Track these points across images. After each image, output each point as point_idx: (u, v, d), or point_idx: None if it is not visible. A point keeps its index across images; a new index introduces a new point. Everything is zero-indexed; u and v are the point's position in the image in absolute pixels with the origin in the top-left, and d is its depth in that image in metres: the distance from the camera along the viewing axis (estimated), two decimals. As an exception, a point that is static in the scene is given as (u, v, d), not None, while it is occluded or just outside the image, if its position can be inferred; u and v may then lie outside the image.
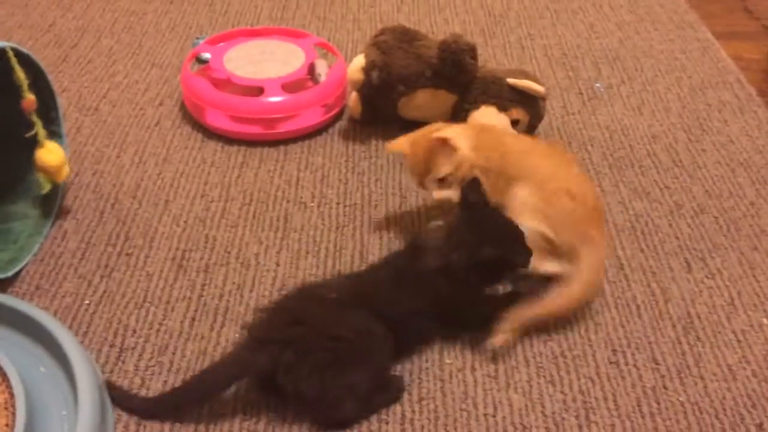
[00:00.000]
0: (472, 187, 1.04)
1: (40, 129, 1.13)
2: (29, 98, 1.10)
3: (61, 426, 0.92)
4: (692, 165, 1.41)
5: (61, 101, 1.40)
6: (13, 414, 0.87)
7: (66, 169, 1.17)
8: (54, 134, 1.21)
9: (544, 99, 1.43)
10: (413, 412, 0.96)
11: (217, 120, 1.43)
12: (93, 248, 1.19)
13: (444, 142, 1.12)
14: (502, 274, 1.04)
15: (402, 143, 1.19)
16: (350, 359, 0.92)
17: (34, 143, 1.14)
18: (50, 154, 1.14)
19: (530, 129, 1.43)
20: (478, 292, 1.05)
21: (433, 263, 0.99)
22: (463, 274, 0.97)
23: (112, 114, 1.49)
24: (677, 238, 1.24)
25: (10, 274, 1.11)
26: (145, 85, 1.58)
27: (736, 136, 1.48)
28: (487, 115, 1.38)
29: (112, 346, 1.04)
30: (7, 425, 0.87)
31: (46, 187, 1.16)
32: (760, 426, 0.95)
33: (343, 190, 1.33)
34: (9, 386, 0.90)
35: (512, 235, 1.02)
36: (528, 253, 1.02)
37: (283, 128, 1.43)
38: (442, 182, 1.15)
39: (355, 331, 0.93)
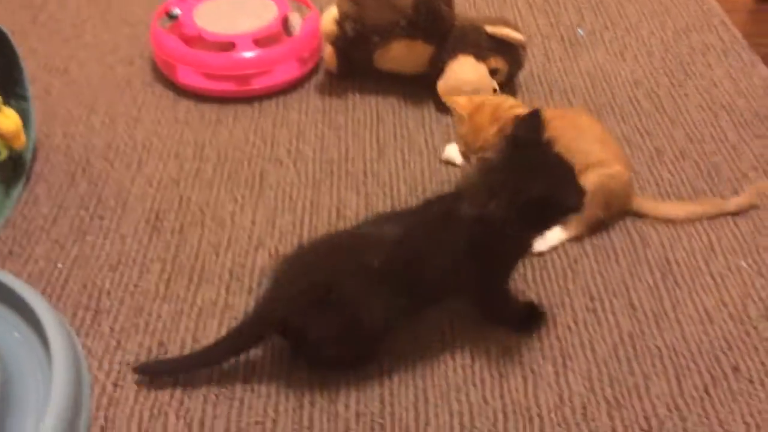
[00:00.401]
0: (529, 121, 0.88)
1: (-5, 94, 1.10)
2: (-16, 63, 1.07)
3: (37, 389, 0.91)
4: (674, 110, 1.38)
5: (30, 63, 1.37)
6: (-14, 379, 0.87)
7: (23, 137, 1.14)
8: (19, 97, 1.19)
9: (524, 47, 1.40)
10: (390, 363, 0.96)
11: (189, 78, 1.40)
12: (65, 211, 1.17)
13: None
14: (552, 219, 0.91)
15: (465, 105, 1.10)
16: (359, 344, 0.92)
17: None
18: (6, 119, 1.11)
19: (510, 78, 1.41)
20: (526, 244, 0.94)
21: (469, 212, 0.87)
22: (502, 223, 0.84)
23: (81, 74, 1.45)
24: (657, 184, 1.22)
25: (-20, 240, 1.10)
26: (115, 44, 1.54)
27: (719, 80, 1.46)
28: (464, 66, 1.35)
29: (87, 309, 1.03)
30: (-20, 390, 0.87)
31: (3, 154, 1.14)
32: (735, 368, 0.95)
33: (319, 146, 1.31)
34: (-19, 351, 0.89)
35: (563, 173, 0.87)
36: (582, 193, 0.88)
37: (257, 84, 1.40)
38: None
39: (374, 326, 0.89)
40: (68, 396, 0.87)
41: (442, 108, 1.38)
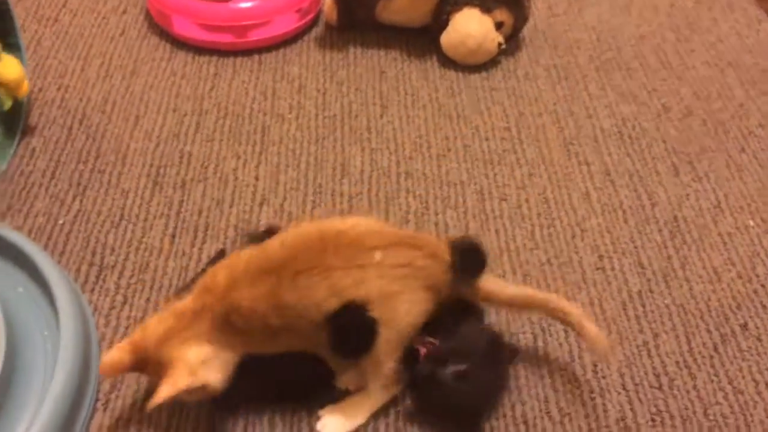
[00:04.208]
0: None
1: (-6, 42, 1.06)
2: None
3: (44, 346, 0.90)
4: (681, 66, 1.37)
5: (18, 12, 1.32)
6: (-8, 336, 0.85)
7: (26, 84, 1.11)
8: (12, 46, 1.14)
9: (528, 0, 1.37)
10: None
11: (185, 29, 1.35)
12: (63, 166, 1.14)
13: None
14: None
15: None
16: None
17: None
18: (8, 68, 1.07)
19: (515, 32, 1.38)
20: None
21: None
22: None
23: (73, 24, 1.40)
24: (664, 141, 1.22)
25: (-23, 194, 1.07)
26: (107, -8, 1.48)
27: (725, 35, 1.44)
28: (469, 18, 1.32)
29: (91, 264, 1.01)
30: (-14, 347, 0.85)
31: (7, 104, 1.10)
32: (744, 326, 0.96)
33: (321, 101, 1.28)
34: (-15, 308, 0.88)
35: None
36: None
37: (255, 36, 1.36)
38: None
39: None
40: (78, 352, 0.86)
41: (446, 62, 1.35)
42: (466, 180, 1.14)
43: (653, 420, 0.86)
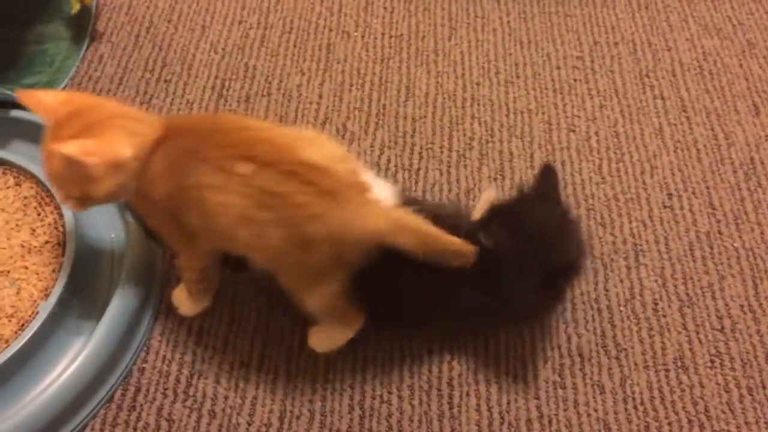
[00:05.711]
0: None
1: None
2: None
3: (111, 247, 0.93)
4: (771, 0, 1.28)
5: None
6: (63, 234, 0.88)
7: None
8: (82, -51, 1.13)
9: None
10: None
11: (253, -62, 1.32)
12: (130, 74, 1.15)
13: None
14: None
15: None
16: None
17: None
18: None
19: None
20: None
21: None
22: None
23: (141, -71, 1.38)
24: (747, 79, 1.15)
25: (48, 97, 1.08)
26: None
27: (823, -31, 1.34)
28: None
29: (155, 173, 1.03)
30: (58, 244, 0.88)
31: (76, 7, 1.11)
32: (816, 274, 0.93)
33: (388, 20, 1.25)
34: (57, 207, 0.90)
35: None
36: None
37: (324, -51, 1.32)
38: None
39: None
40: (142, 257, 0.88)
41: (521, -15, 1.30)
42: (534, 108, 1.11)
43: (712, 361, 0.85)
